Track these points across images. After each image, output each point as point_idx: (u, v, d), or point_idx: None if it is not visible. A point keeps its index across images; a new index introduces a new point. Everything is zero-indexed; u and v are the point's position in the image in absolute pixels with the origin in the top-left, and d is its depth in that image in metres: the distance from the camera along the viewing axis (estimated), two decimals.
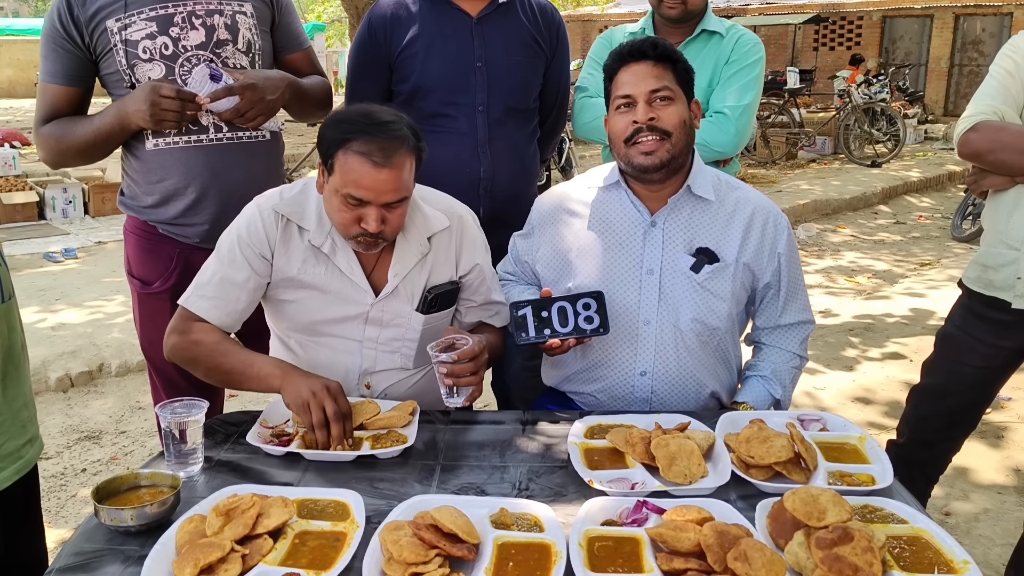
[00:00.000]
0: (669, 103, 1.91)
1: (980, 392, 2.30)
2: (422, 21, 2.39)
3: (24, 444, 1.60)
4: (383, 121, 1.76)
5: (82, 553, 1.38)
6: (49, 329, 4.90)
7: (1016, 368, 2.26)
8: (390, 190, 1.75)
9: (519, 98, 2.46)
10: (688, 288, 2.00)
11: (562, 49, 2.55)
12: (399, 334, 2.00)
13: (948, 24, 18.18)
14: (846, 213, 9.19)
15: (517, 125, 2.48)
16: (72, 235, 7.42)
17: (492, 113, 2.41)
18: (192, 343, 1.86)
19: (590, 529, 1.41)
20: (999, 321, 2.17)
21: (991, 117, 2.07)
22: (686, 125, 1.93)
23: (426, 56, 2.38)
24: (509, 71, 2.42)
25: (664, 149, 1.91)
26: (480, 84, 2.39)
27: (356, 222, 1.78)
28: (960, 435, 2.39)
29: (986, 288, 2.18)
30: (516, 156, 2.48)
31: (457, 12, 2.39)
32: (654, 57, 1.92)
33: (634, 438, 1.68)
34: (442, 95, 2.40)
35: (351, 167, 1.73)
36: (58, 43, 2.08)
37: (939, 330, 2.37)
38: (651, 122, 1.89)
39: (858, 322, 5.35)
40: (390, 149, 1.73)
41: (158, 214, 2.16)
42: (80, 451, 3.71)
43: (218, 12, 2.10)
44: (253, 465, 1.69)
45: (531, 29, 2.46)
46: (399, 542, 1.32)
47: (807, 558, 1.29)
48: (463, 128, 2.40)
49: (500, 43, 2.41)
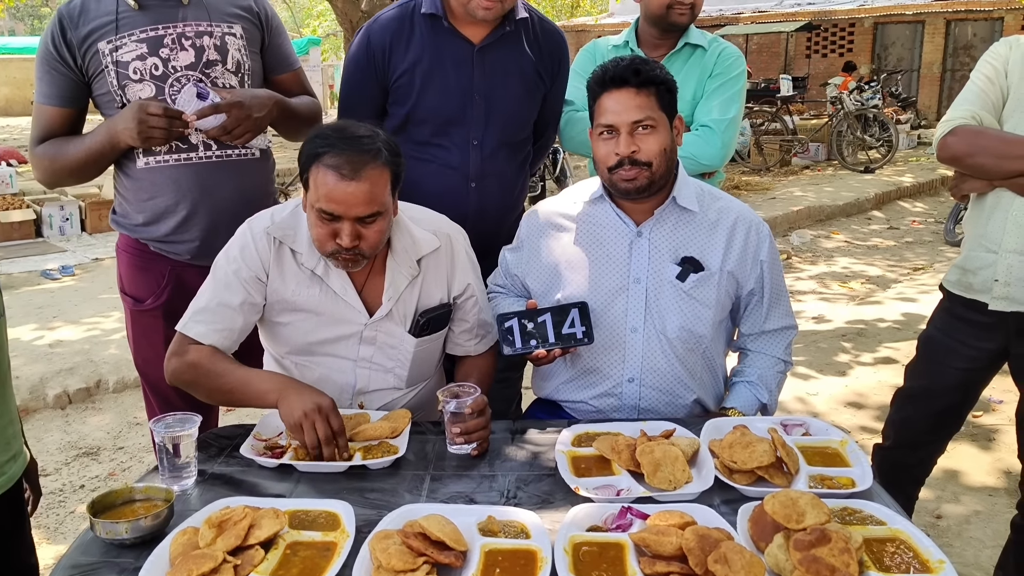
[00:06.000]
0: (651, 131, 1.93)
1: (963, 394, 2.32)
2: (423, 47, 2.31)
3: (7, 460, 1.62)
4: (355, 135, 1.78)
5: (78, 566, 1.40)
6: (47, 346, 4.92)
7: (998, 369, 2.29)
8: (360, 203, 1.75)
9: (514, 131, 2.42)
10: (674, 296, 2.03)
11: (563, 76, 2.50)
12: (392, 355, 2.03)
13: (940, 30, 18.28)
14: (840, 219, 9.24)
15: (509, 157, 2.44)
16: (69, 252, 7.46)
17: (486, 147, 2.36)
18: (190, 365, 1.88)
19: (575, 535, 1.44)
20: (978, 323, 2.20)
21: (970, 122, 2.10)
22: (667, 152, 1.95)
23: (423, 84, 2.31)
24: (507, 104, 2.36)
25: (645, 177, 1.95)
26: (477, 117, 2.34)
27: (332, 238, 1.79)
28: (945, 437, 2.42)
29: (965, 291, 2.21)
30: (505, 190, 2.45)
31: (459, 39, 2.31)
32: (636, 84, 1.91)
33: (620, 445, 1.71)
34: (436, 125, 2.34)
35: (322, 180, 1.75)
36: (52, 65, 2.12)
37: (921, 334, 2.40)
38: (633, 154, 1.92)
39: (850, 327, 5.39)
40: (359, 162, 1.74)
41: (149, 232, 2.19)
42: (78, 467, 3.73)
43: (207, 33, 2.14)
44: (246, 477, 1.72)
45: (534, 60, 2.38)
46: (388, 550, 1.35)
47: (786, 560, 1.32)
48: (454, 162, 2.36)
49: (501, 74, 2.34)
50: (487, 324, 2.14)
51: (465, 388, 1.83)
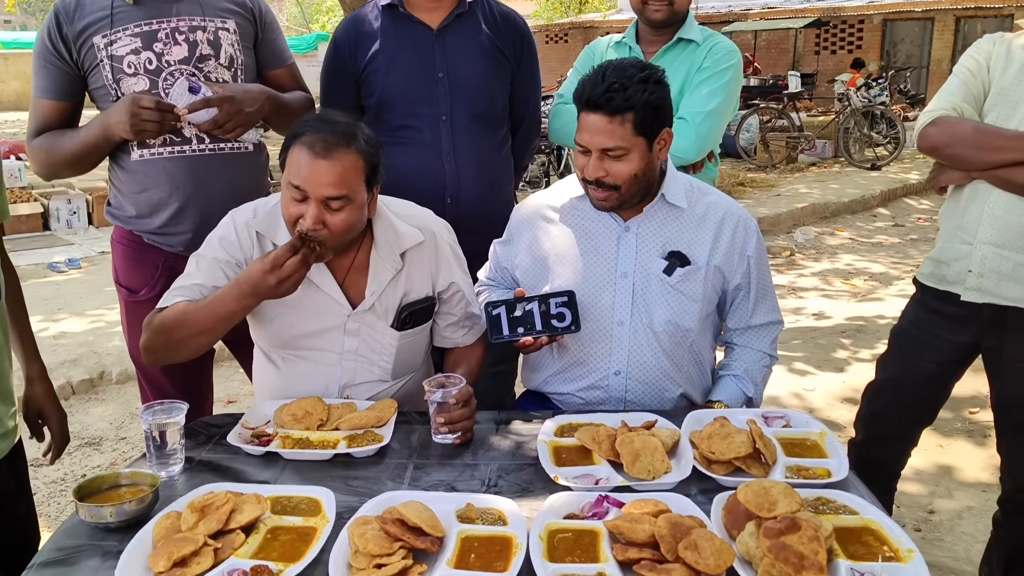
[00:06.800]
0: (621, 157, 1.92)
1: (935, 387, 2.34)
2: (383, 36, 2.45)
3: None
4: (335, 120, 1.83)
5: (63, 548, 1.44)
6: (51, 338, 4.97)
7: (970, 363, 2.30)
8: (327, 183, 1.77)
9: (483, 107, 2.50)
10: (661, 291, 2.05)
11: (527, 56, 2.59)
12: (376, 348, 2.05)
13: (949, 27, 18.20)
14: (845, 216, 9.22)
15: (484, 134, 2.52)
16: (76, 245, 7.51)
17: (456, 123, 2.45)
18: (157, 321, 1.86)
19: (551, 522, 1.47)
20: (951, 315, 2.21)
21: (950, 113, 2.13)
22: (638, 176, 1.94)
23: (388, 70, 2.44)
24: (471, 80, 2.46)
25: (614, 198, 1.97)
26: (442, 95, 2.44)
27: (298, 219, 1.80)
28: (915, 430, 2.43)
29: (939, 283, 2.23)
30: (482, 165, 2.52)
31: (417, 25, 2.45)
32: (608, 112, 1.88)
33: (601, 436, 1.73)
34: (406, 107, 2.45)
35: (295, 157, 1.79)
36: (48, 59, 2.15)
37: (893, 327, 2.42)
38: (600, 178, 1.94)
39: (850, 324, 5.39)
40: (332, 143, 1.78)
41: (143, 224, 2.22)
42: (81, 457, 3.77)
43: (201, 28, 2.16)
44: (233, 464, 1.75)
45: (493, 37, 2.50)
46: (365, 535, 1.38)
47: (756, 547, 1.34)
48: (427, 139, 2.45)
49: (461, 53, 2.46)
50: (475, 316, 2.16)
51: (451, 379, 1.85)
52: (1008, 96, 2.08)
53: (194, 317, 1.82)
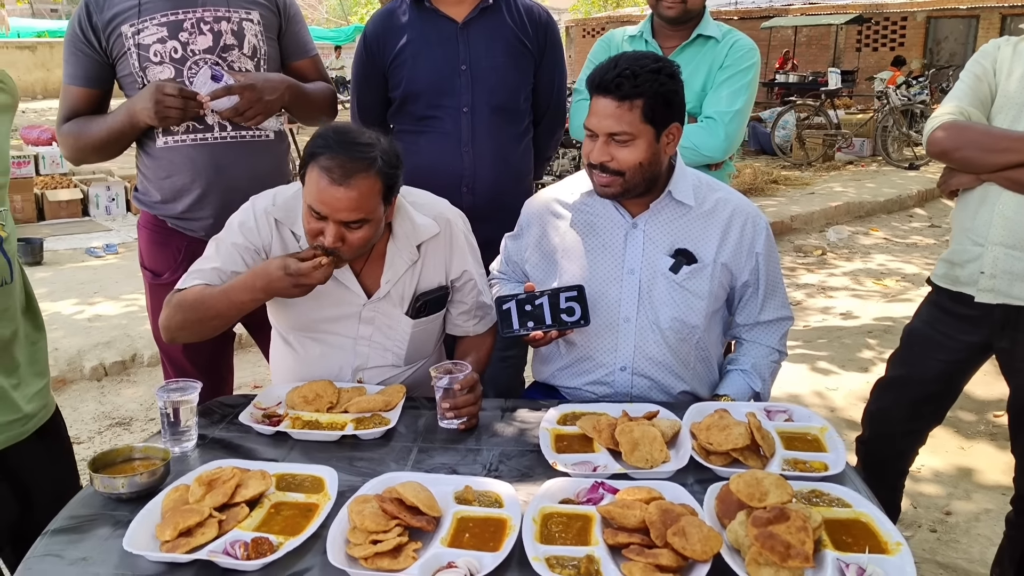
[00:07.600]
0: (628, 143, 1.93)
1: (944, 386, 2.33)
2: (411, 30, 2.53)
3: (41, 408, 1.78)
4: (354, 141, 1.80)
5: (76, 517, 1.50)
6: (86, 320, 5.10)
7: (980, 364, 2.30)
8: (345, 208, 1.78)
9: (503, 97, 2.55)
10: (667, 288, 2.07)
11: (551, 49, 2.63)
12: (390, 334, 2.09)
13: (995, 24, 17.82)
14: (880, 216, 9.09)
15: (504, 124, 2.57)
16: (114, 231, 7.67)
17: (477, 113, 2.51)
18: (175, 301, 1.92)
19: (546, 506, 1.50)
20: (963, 316, 2.21)
21: (958, 117, 2.13)
22: (643, 165, 1.95)
23: (414, 63, 2.52)
24: (492, 72, 2.52)
25: (618, 184, 1.98)
26: (464, 86, 2.51)
27: (318, 235, 1.83)
28: (922, 428, 2.42)
29: (952, 284, 2.23)
30: (500, 154, 2.57)
31: (443, 19, 2.52)
32: (619, 96, 1.89)
33: (602, 424, 1.76)
34: (429, 98, 2.53)
35: (314, 181, 1.79)
36: (78, 47, 2.23)
37: (906, 326, 2.41)
38: (605, 162, 1.96)
39: (877, 324, 5.34)
40: (351, 169, 1.76)
41: (167, 209, 2.29)
42: (111, 437, 3.88)
43: (225, 19, 2.22)
44: (244, 443, 1.81)
45: (516, 31, 2.56)
46: (363, 512, 1.42)
47: (745, 536, 1.36)
48: (448, 129, 2.52)
49: (484, 46, 2.52)
50: (486, 306, 2.20)
51: (459, 366, 1.89)
52: (1015, 99, 2.08)
53: (210, 302, 1.88)
